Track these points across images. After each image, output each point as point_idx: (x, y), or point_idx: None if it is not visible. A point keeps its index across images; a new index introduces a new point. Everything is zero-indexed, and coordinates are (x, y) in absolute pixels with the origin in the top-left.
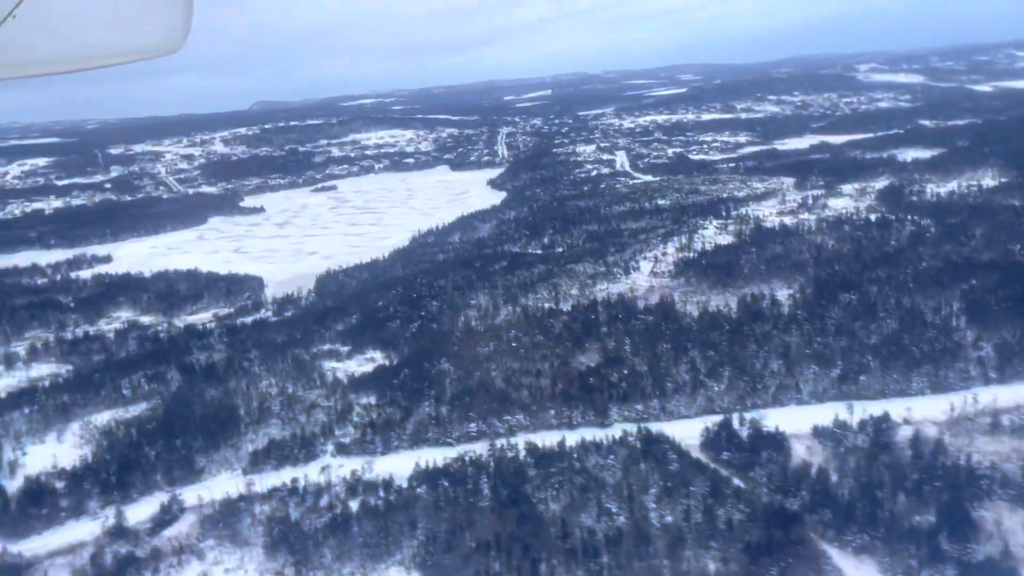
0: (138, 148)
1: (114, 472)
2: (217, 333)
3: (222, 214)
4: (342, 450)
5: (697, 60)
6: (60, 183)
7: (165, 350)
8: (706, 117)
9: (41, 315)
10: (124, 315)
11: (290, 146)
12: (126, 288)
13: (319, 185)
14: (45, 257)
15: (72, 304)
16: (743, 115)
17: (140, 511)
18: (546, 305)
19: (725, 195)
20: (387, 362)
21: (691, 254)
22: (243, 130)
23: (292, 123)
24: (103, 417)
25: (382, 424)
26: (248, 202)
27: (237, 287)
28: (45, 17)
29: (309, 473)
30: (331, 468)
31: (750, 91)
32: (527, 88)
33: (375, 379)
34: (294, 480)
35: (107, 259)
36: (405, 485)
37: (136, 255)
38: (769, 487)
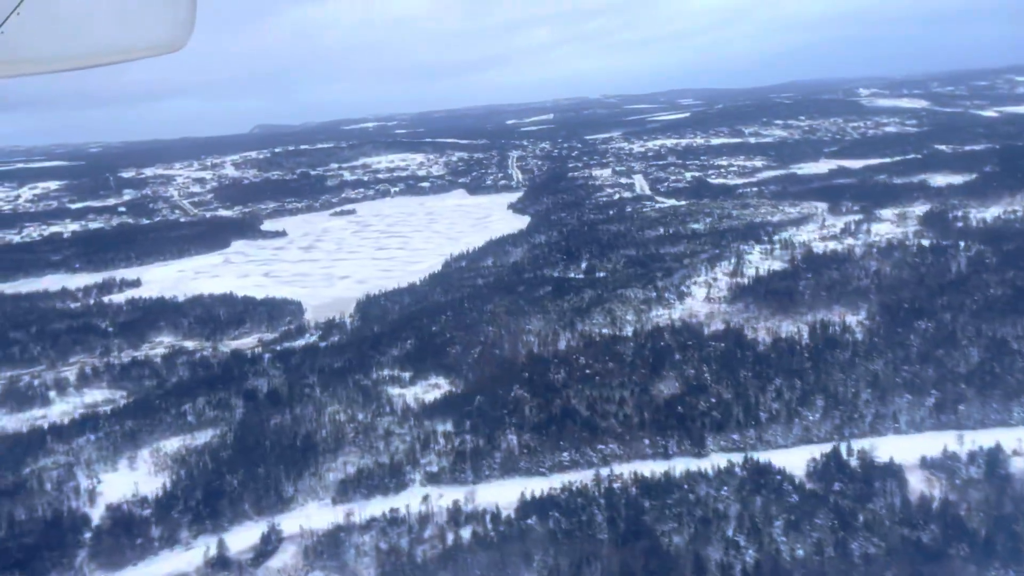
0: (149, 172)
1: (200, 501)
2: (268, 359)
3: (244, 238)
4: (432, 479)
5: (696, 85)
6: (74, 206)
7: (220, 376)
8: (715, 141)
9: (83, 340)
10: (166, 340)
11: (301, 170)
12: (163, 313)
13: (337, 209)
14: (72, 281)
15: (112, 329)
16: (752, 139)
17: (236, 541)
18: (606, 331)
19: (759, 220)
20: (454, 388)
21: (744, 280)
22: (253, 154)
23: (302, 147)
24: (171, 444)
25: (468, 453)
26: (268, 226)
27: (277, 312)
28: (49, 13)
29: (403, 503)
30: (430, 498)
31: (755, 116)
32: (529, 112)
33: (447, 406)
34: (393, 510)
35: (136, 283)
36: (513, 515)
37: (164, 279)
38: (893, 519)
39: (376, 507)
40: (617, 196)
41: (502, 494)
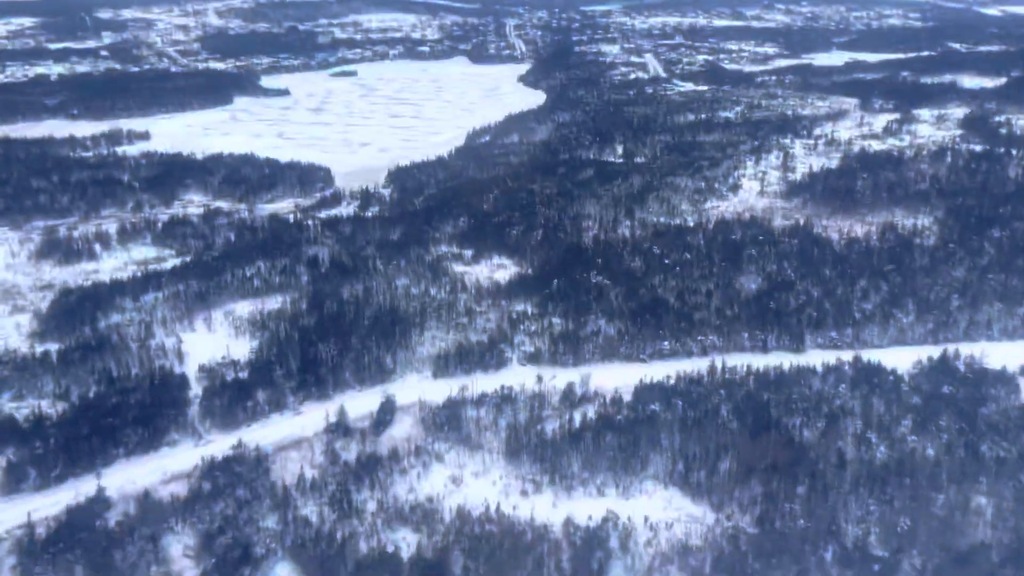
0: (127, 14)
1: (297, 367)
2: (315, 226)
3: (246, 94)
4: (531, 359)
5: None
6: (52, 47)
7: (271, 241)
8: (718, 23)
9: (110, 193)
10: (196, 198)
11: (289, 23)
12: (186, 170)
13: (337, 70)
14: (73, 128)
15: (136, 183)
16: (754, 23)
17: (348, 409)
18: (664, 220)
19: (790, 112)
20: (522, 270)
21: (795, 176)
22: (237, 2)
23: None
24: (243, 308)
25: (563, 335)
26: (268, 82)
27: (305, 176)
28: None
29: (506, 380)
30: (543, 378)
31: None
32: None
33: (522, 288)
34: (506, 387)
35: (145, 136)
36: (630, 400)
37: (173, 133)
38: (1018, 424)
39: (479, 383)
40: (633, 76)
41: (609, 378)
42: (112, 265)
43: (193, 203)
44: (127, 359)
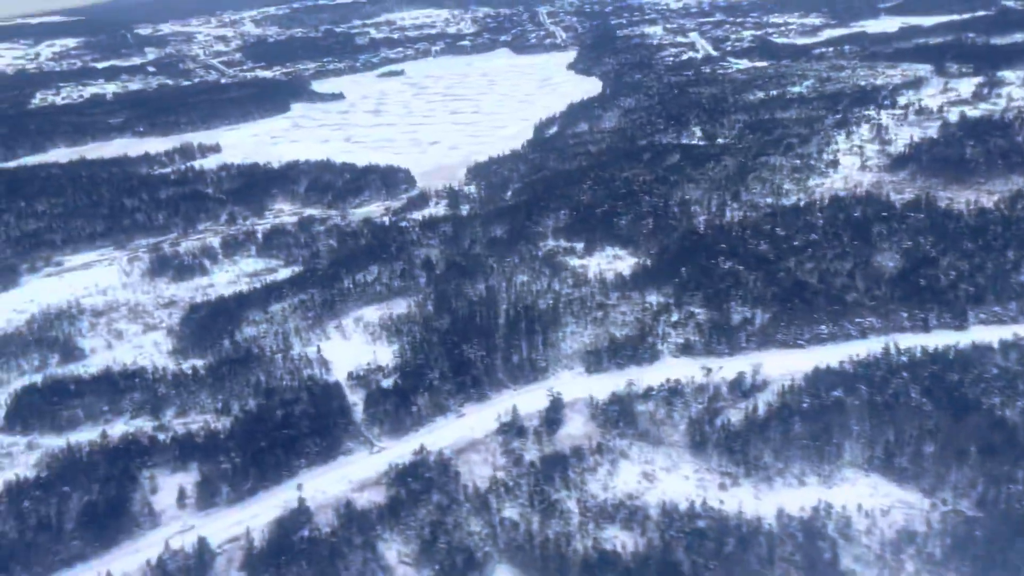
0: (166, 28)
1: (449, 371)
2: (414, 228)
3: (301, 100)
4: (683, 350)
5: None
6: (100, 66)
7: (377, 245)
8: None
9: (200, 207)
10: (286, 207)
11: (325, 27)
12: (267, 180)
13: (383, 70)
14: (143, 145)
15: (222, 196)
16: None
17: (505, 409)
18: (771, 200)
19: (863, 83)
20: (641, 260)
21: (894, 148)
22: (272, 9)
23: (321, 2)
24: (370, 313)
25: (709, 325)
26: (319, 87)
27: (386, 179)
28: None
29: (662, 373)
30: (708, 369)
31: None
32: None
33: (647, 278)
34: (672, 380)
35: (216, 148)
36: (804, 385)
37: (241, 144)
38: None
39: (637, 377)
40: (685, 56)
41: (773, 365)
42: (225, 279)
43: (284, 212)
44: (274, 370)
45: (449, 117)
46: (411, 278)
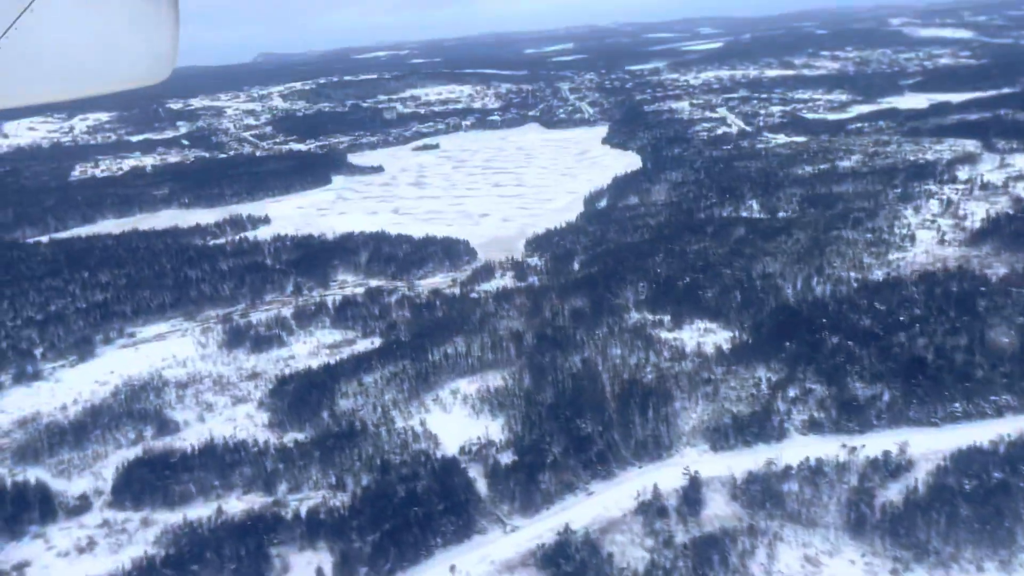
0: (196, 103)
1: (566, 446)
2: (484, 299)
3: (340, 173)
4: (810, 427)
5: (706, 13)
6: (134, 139)
7: (454, 317)
8: (771, 73)
9: (265, 279)
10: (348, 279)
11: (351, 102)
12: (326, 251)
13: (417, 144)
14: (191, 216)
15: (282, 267)
16: (806, 71)
17: (634, 487)
18: (859, 275)
19: (913, 158)
20: (734, 334)
21: (971, 222)
22: (298, 85)
23: (346, 78)
24: (466, 386)
25: (836, 402)
26: (356, 160)
27: (446, 250)
28: (31, 49)
29: (794, 452)
30: (856, 448)
31: (795, 46)
32: (544, 41)
33: (749, 352)
34: (814, 458)
35: (266, 220)
36: (954, 465)
37: (288, 215)
38: None
39: (768, 454)
40: (721, 131)
41: (912, 444)
42: (305, 350)
43: (348, 283)
44: (382, 445)
45: (493, 190)
46: (500, 350)
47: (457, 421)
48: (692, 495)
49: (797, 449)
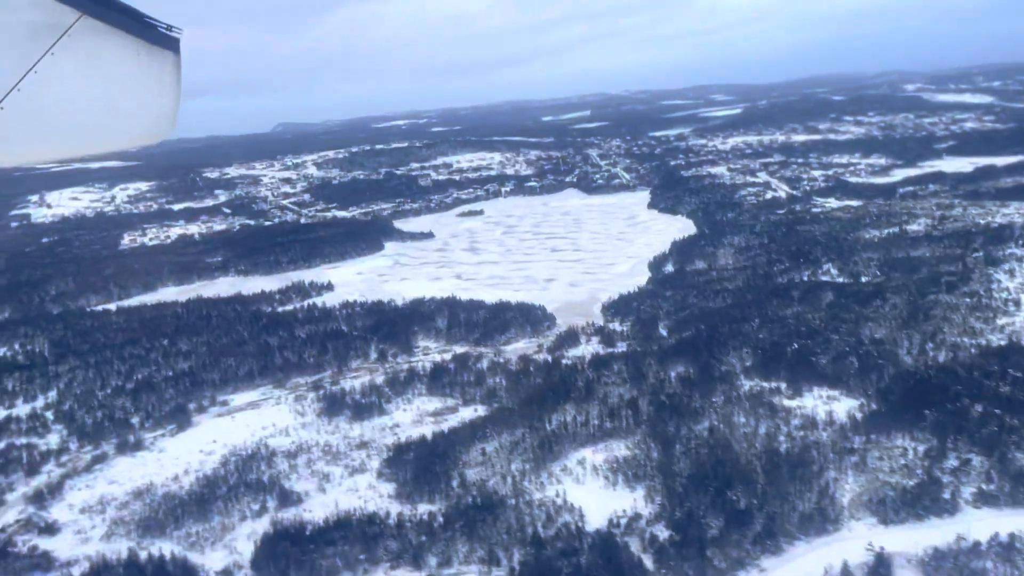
0: (232, 172)
1: (723, 520)
2: (582, 365)
3: (391, 239)
4: (984, 500)
5: (715, 80)
6: (176, 207)
7: (556, 383)
8: (798, 138)
9: (347, 345)
10: (430, 344)
11: (385, 169)
12: (401, 317)
13: (463, 209)
14: (251, 284)
15: (360, 334)
16: (832, 136)
17: (808, 562)
18: (972, 340)
19: (983, 221)
20: (862, 401)
21: None
22: (331, 153)
23: (377, 146)
24: (591, 455)
25: (1006, 473)
26: (404, 227)
27: (528, 317)
28: (33, 108)
29: (972, 526)
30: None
31: (816, 112)
32: (559, 109)
33: (885, 421)
34: (1009, 534)
35: (329, 286)
36: None
37: (350, 281)
38: None
39: (942, 529)
40: (768, 196)
41: None
42: (407, 418)
43: (431, 349)
44: (524, 516)
45: (551, 255)
46: (617, 418)
47: (593, 492)
48: (882, 572)
49: (975, 523)
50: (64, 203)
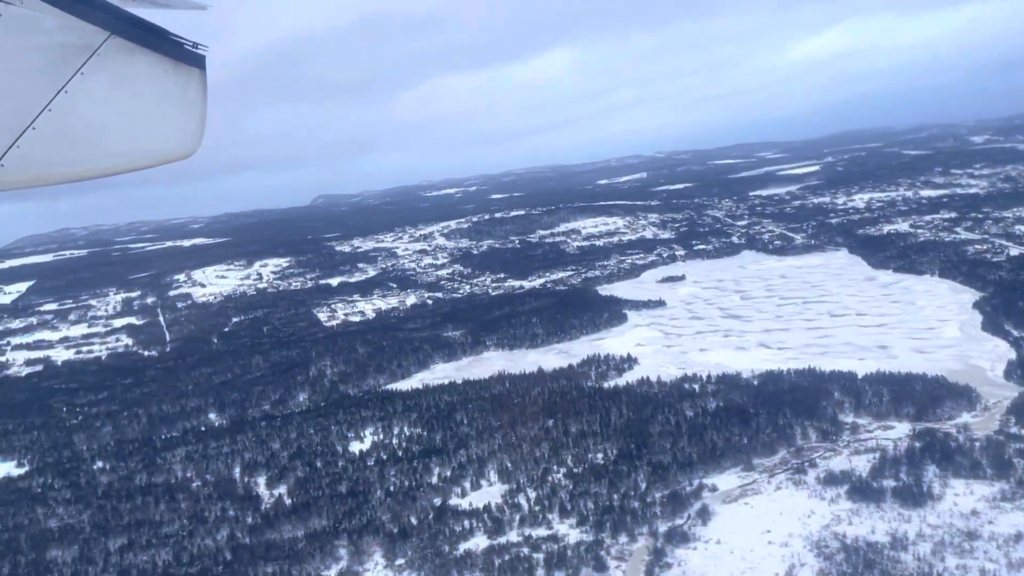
0: (362, 245)
1: None
2: None
3: (623, 308)
4: None
5: (755, 138)
6: (332, 282)
7: None
8: (926, 193)
9: (771, 425)
10: (859, 421)
11: (515, 237)
12: (782, 393)
13: (654, 275)
14: (527, 358)
15: (771, 411)
16: (959, 190)
17: None
18: None
19: None
20: None
21: None
22: (452, 224)
23: (497, 216)
24: None
25: None
26: (618, 295)
27: (932, 387)
28: (63, 129)
29: None
30: None
31: (913, 167)
32: (608, 172)
33: None
34: None
35: (630, 359)
36: None
37: (637, 355)
38: None
39: None
40: (1015, 252)
41: None
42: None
43: (862, 426)
44: None
45: (832, 320)
46: None
47: None
48: None
49: None
50: (215, 281)
